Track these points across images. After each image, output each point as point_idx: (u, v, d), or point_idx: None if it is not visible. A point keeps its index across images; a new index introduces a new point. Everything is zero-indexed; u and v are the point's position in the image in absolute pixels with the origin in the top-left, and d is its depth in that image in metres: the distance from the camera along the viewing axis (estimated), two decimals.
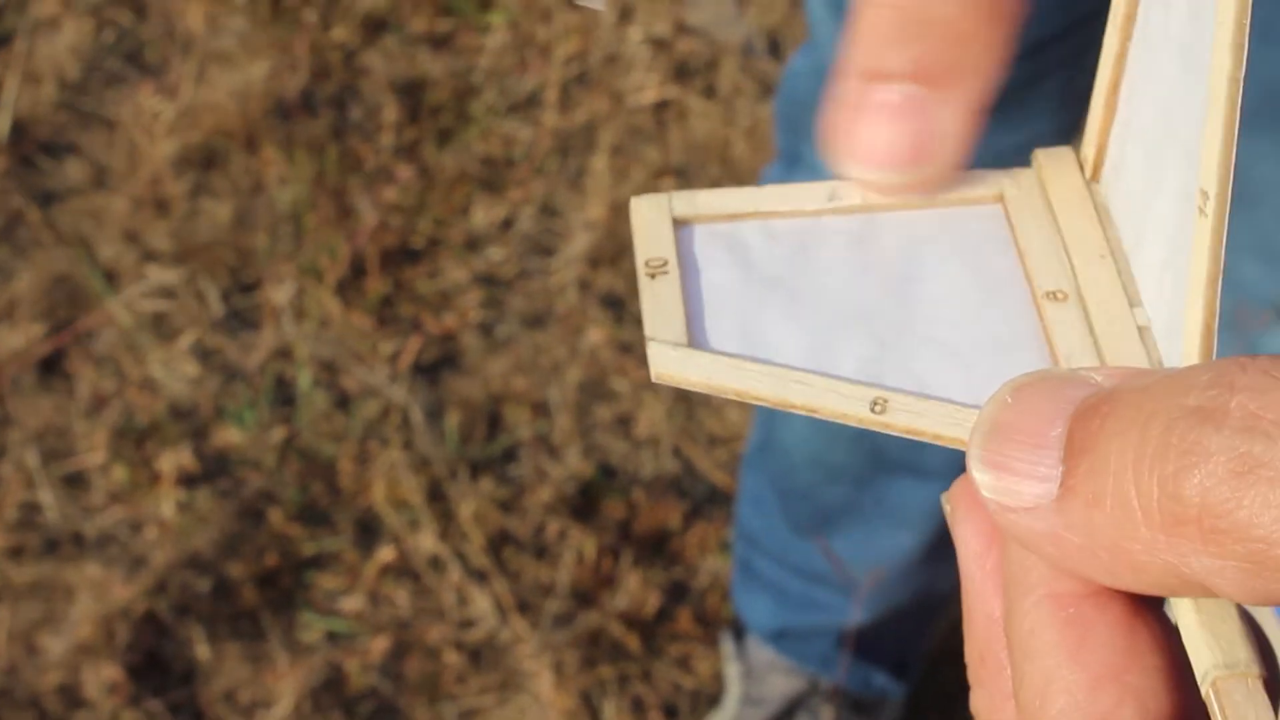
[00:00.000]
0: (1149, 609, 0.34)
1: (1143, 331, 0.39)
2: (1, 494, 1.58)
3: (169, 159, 1.80)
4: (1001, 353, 0.40)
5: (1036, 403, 0.33)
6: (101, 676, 1.49)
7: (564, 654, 1.52)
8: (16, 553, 1.56)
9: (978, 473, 0.34)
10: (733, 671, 1.48)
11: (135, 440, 1.62)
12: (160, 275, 1.72)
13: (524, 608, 1.54)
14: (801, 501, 1.35)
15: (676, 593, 1.57)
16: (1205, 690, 0.32)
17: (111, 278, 1.72)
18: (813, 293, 0.41)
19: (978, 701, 0.36)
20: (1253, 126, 1.12)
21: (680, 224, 0.42)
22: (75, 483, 1.60)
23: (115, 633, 1.51)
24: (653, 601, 1.55)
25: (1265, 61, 1.00)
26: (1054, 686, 0.33)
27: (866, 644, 1.43)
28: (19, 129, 1.83)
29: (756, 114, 1.87)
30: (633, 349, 1.71)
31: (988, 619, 0.36)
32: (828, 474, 1.33)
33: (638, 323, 1.72)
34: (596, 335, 1.71)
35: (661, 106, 1.89)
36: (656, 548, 1.59)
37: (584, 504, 1.61)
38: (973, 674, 0.36)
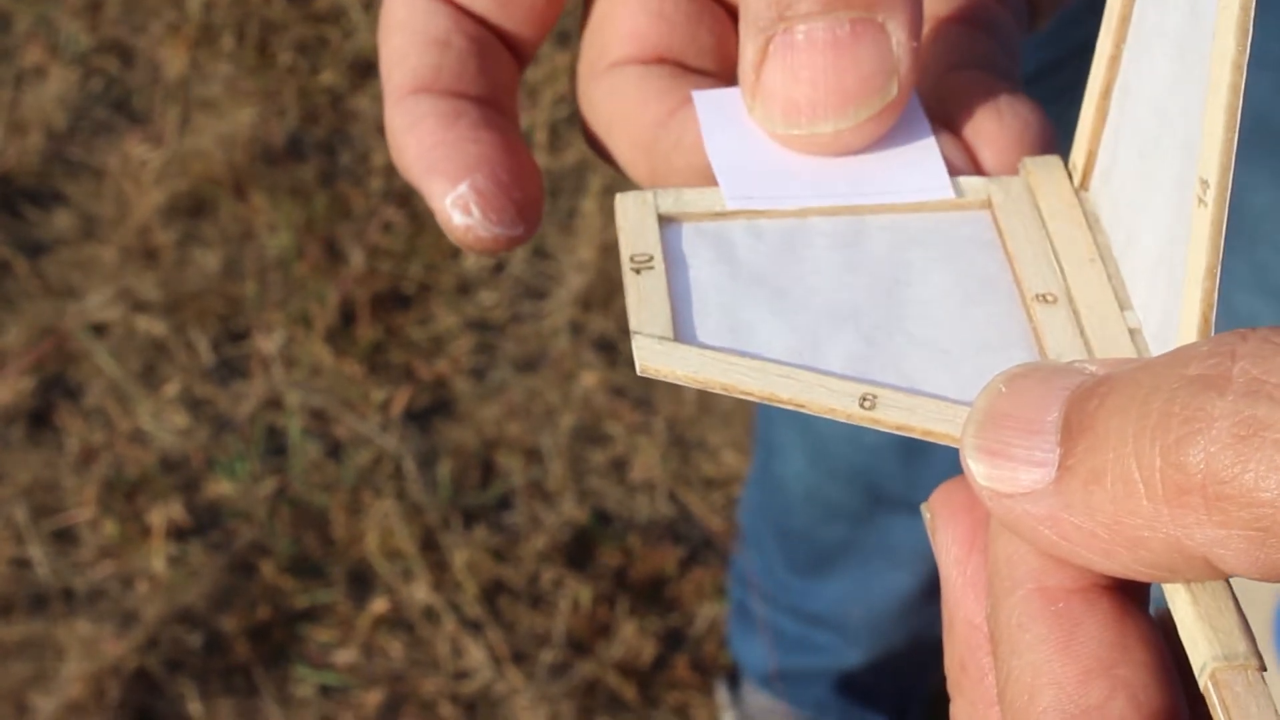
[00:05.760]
0: (1137, 607, 0.33)
1: (1134, 334, 0.39)
2: None
3: (157, 208, 1.79)
4: (991, 352, 0.39)
5: (1031, 389, 0.33)
6: None
7: (560, 705, 1.50)
8: (6, 610, 1.54)
9: (973, 462, 0.33)
10: None
11: (125, 494, 1.60)
12: (149, 325, 1.71)
13: (519, 658, 1.53)
14: (799, 541, 1.34)
15: (673, 640, 1.55)
16: (1204, 682, 0.31)
17: (100, 329, 1.71)
18: (800, 290, 0.40)
19: (958, 710, 0.35)
20: (1246, 157, 1.10)
21: (665, 221, 0.42)
22: (65, 538, 1.59)
23: (106, 690, 1.49)
24: (649, 650, 1.54)
25: (1256, 88, 0.98)
26: (1042, 680, 0.32)
27: (864, 688, 1.41)
28: (6, 179, 1.82)
29: None
30: (626, 393, 1.69)
31: (968, 625, 0.35)
32: (826, 512, 1.31)
33: (630, 365, 1.71)
34: (590, 379, 1.69)
35: None
36: (652, 595, 1.57)
37: (579, 551, 1.59)
38: (953, 682, 0.36)
